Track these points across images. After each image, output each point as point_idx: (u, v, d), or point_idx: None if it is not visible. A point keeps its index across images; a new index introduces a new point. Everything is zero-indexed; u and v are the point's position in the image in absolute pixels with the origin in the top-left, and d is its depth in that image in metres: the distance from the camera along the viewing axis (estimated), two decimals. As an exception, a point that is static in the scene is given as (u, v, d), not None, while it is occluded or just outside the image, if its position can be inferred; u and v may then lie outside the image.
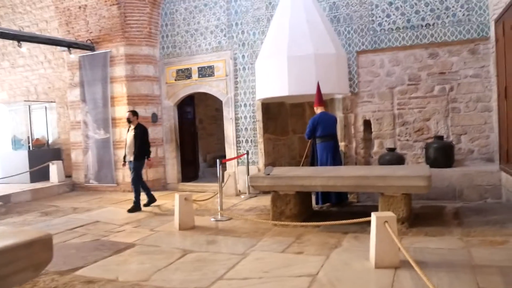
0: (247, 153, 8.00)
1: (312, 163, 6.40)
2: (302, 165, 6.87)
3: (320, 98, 6.33)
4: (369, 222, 3.66)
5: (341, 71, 6.96)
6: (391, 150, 6.83)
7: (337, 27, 7.42)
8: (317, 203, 6.21)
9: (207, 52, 8.57)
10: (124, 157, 7.17)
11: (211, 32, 8.51)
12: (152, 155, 8.96)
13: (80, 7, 8.92)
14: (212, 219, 5.85)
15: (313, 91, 6.35)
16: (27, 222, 6.46)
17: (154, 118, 9.11)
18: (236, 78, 8.26)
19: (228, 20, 8.32)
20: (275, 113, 8.24)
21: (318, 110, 6.34)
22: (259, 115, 8.02)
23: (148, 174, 8.93)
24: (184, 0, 8.78)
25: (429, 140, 6.83)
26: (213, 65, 8.50)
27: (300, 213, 5.35)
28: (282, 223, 5.03)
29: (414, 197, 5.57)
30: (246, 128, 8.23)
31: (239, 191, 7.96)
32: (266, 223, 5.31)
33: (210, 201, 6.68)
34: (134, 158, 6.90)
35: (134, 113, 7.16)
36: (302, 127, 7.21)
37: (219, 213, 5.93)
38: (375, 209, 4.71)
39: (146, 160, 7.07)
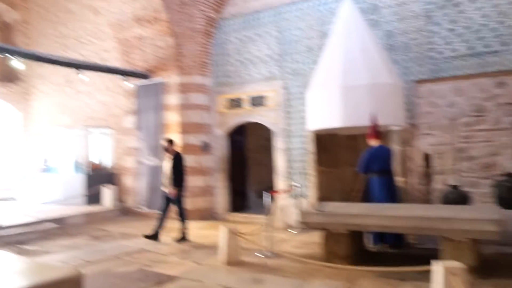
0: (298, 186, 7.69)
1: (365, 198, 5.99)
2: (354, 201, 6.46)
3: (375, 131, 5.97)
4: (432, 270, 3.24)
5: (398, 101, 6.57)
6: (455, 187, 6.26)
7: (393, 55, 7.07)
8: (373, 242, 5.76)
9: (258, 81, 8.50)
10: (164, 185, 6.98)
11: (263, 61, 8.45)
12: (201, 183, 8.96)
13: (138, 38, 9.23)
14: (259, 255, 5.57)
15: (368, 122, 6.01)
16: (77, 245, 6.54)
17: (205, 147, 9.10)
18: (288, 108, 8.08)
19: (280, 49, 8.23)
20: (327, 144, 7.92)
21: (373, 143, 5.97)
22: (311, 147, 7.74)
23: (197, 203, 8.87)
24: (236, 30, 8.84)
25: (499, 178, 6.19)
26: (264, 95, 8.40)
27: (352, 254, 4.97)
28: (334, 265, 4.65)
29: (484, 242, 5.00)
30: (297, 160, 7.97)
31: (289, 225, 7.64)
32: (316, 263, 4.96)
33: (257, 235, 6.40)
34: (173, 189, 6.67)
35: (170, 141, 6.97)
36: (355, 160, 6.84)
37: (266, 249, 5.64)
38: (437, 253, 4.24)
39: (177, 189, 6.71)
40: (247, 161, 9.96)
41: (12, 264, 2.40)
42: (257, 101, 8.51)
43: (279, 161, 8.20)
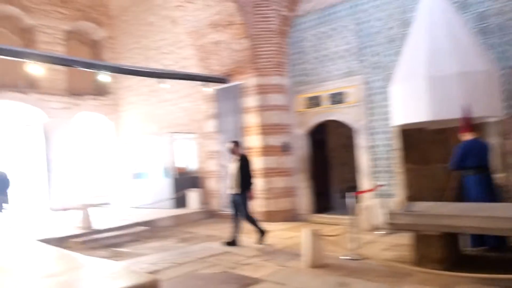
0: (384, 185, 7.43)
1: (459, 198, 5.62)
2: (447, 200, 6.08)
3: (468, 123, 5.58)
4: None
5: (493, 90, 6.06)
6: None
7: (486, 40, 6.53)
8: (472, 245, 5.38)
9: (337, 78, 8.39)
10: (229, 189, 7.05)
11: (341, 57, 8.32)
12: (283, 184, 9.05)
13: (214, 43, 9.58)
14: (344, 257, 5.49)
15: (459, 114, 5.63)
16: (165, 247, 6.99)
17: (285, 147, 9.18)
18: (369, 103, 7.86)
19: (359, 43, 8.03)
20: (414, 140, 7.55)
21: (466, 137, 5.59)
22: (397, 143, 7.43)
23: (279, 204, 8.98)
24: (312, 27, 8.79)
25: None
26: (344, 91, 8.27)
27: (446, 258, 4.70)
28: (426, 270, 4.44)
29: None
30: (381, 157, 7.71)
31: (375, 226, 7.42)
32: (406, 267, 4.77)
33: (342, 236, 6.32)
34: (240, 191, 6.70)
35: (236, 143, 7.02)
36: (446, 156, 6.44)
37: (352, 252, 5.54)
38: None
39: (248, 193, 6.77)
40: (329, 160, 9.86)
41: (89, 269, 2.63)
42: (336, 98, 8.40)
43: (363, 159, 8.00)
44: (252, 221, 6.75)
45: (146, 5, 12.73)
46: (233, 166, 6.86)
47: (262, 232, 6.74)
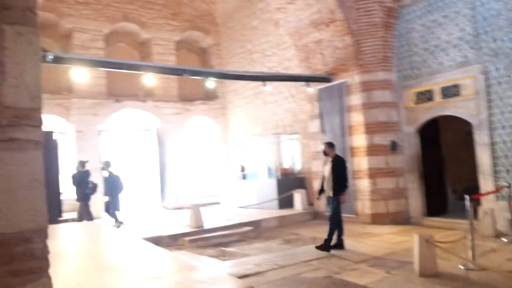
0: (508, 186, 6.65)
1: None
2: None
3: None
4: None
5: None
6: None
7: None
8: None
9: (450, 69, 7.75)
10: (320, 191, 6.95)
11: (454, 46, 7.66)
12: (391, 185, 8.65)
13: (316, 42, 9.51)
14: (461, 267, 5.03)
15: None
16: (270, 248, 7.11)
17: (393, 147, 8.76)
18: (489, 95, 7.11)
19: (475, 29, 7.31)
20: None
21: None
22: (523, 138, 6.62)
23: (388, 206, 8.59)
24: (420, 16, 8.26)
25: None
26: (458, 83, 7.61)
27: None
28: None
29: None
30: (506, 155, 6.91)
31: (500, 232, 6.68)
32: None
33: (458, 243, 5.80)
34: (333, 193, 6.58)
35: (330, 145, 6.88)
36: None
37: (470, 260, 5.06)
38: None
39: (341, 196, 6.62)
40: (443, 159, 9.13)
41: (191, 272, 2.78)
42: (450, 92, 7.76)
43: (483, 157, 7.26)
44: (333, 227, 6.57)
45: (250, 9, 13.16)
46: (326, 168, 6.81)
47: (330, 242, 6.50)
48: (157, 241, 6.68)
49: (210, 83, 8.82)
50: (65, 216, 9.15)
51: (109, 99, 12.67)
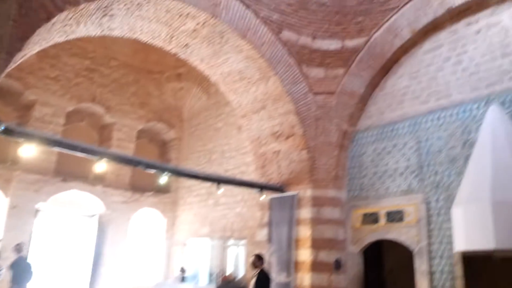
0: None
1: None
2: None
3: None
4: None
5: None
6: None
7: (557, 166, 6.32)
8: None
9: (396, 195, 8.32)
10: None
11: (401, 174, 8.33)
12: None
13: (274, 152, 10.05)
14: None
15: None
16: None
17: (337, 265, 8.87)
18: (430, 224, 7.61)
19: (419, 161, 8.07)
20: (479, 269, 7.03)
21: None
22: (458, 271, 6.96)
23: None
24: (372, 142, 9.04)
25: None
26: (402, 210, 8.12)
27: None
28: None
29: None
30: (443, 285, 7.18)
31: None
32: None
33: None
34: None
35: (259, 257, 7.00)
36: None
37: None
38: None
39: None
40: (385, 282, 9.27)
41: None
42: (394, 217, 8.23)
43: (422, 285, 7.48)
44: None
45: (216, 111, 13.90)
46: (252, 280, 6.84)
47: None
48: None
49: (163, 179, 8.87)
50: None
51: (55, 177, 12.41)
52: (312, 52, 9.19)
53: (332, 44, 9.19)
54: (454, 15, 8.02)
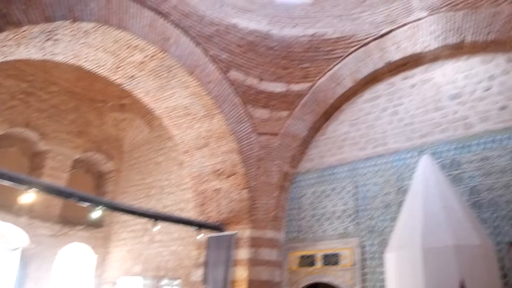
0: None
1: None
2: None
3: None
4: None
5: (490, 266, 6.02)
6: None
7: (480, 214, 6.74)
8: None
9: (332, 238, 8.45)
10: None
11: (338, 217, 8.50)
12: None
13: (214, 191, 9.94)
14: None
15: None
16: None
17: (272, 308, 8.72)
18: (364, 268, 7.74)
19: (356, 205, 8.31)
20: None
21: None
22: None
23: None
24: (312, 185, 9.21)
25: None
26: (338, 253, 8.23)
27: None
28: None
29: None
30: (374, 331, 7.25)
31: None
32: None
33: None
34: None
35: None
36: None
37: None
38: None
39: None
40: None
41: None
42: (330, 260, 8.30)
43: (355, 332, 7.51)
44: None
45: (158, 145, 13.65)
46: None
47: None
48: None
49: (96, 213, 8.44)
50: None
51: (-25, 205, 11.49)
52: (258, 93, 9.38)
53: (277, 87, 9.45)
54: (392, 69, 8.59)
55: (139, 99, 10.09)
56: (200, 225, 9.90)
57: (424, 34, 8.05)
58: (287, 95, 9.44)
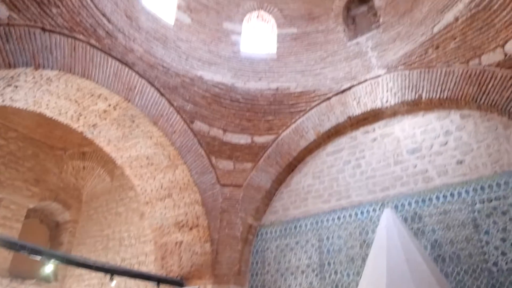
0: None
1: None
2: None
3: None
4: None
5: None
6: None
7: (443, 267, 6.68)
8: None
9: (297, 293, 8.11)
10: None
11: (302, 272, 8.27)
12: None
13: (176, 243, 9.52)
14: None
15: None
16: None
17: None
18: (329, 326, 7.42)
19: (320, 259, 8.11)
20: None
21: None
22: None
23: None
24: (276, 238, 9.01)
25: None
26: (303, 309, 7.88)
27: None
28: None
29: None
30: None
31: None
32: None
33: None
34: None
35: None
36: None
37: None
38: None
39: None
40: None
41: None
42: (295, 317, 7.95)
43: None
44: None
45: (119, 195, 13.12)
46: None
47: None
48: None
49: (49, 268, 7.86)
50: None
51: None
52: (222, 145, 9.27)
53: (242, 139, 9.39)
54: (354, 123, 8.74)
55: (100, 148, 9.75)
56: (160, 280, 9.36)
57: (383, 90, 8.29)
58: (251, 147, 9.38)
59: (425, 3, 8.21)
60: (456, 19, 7.37)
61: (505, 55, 6.81)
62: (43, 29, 6.69)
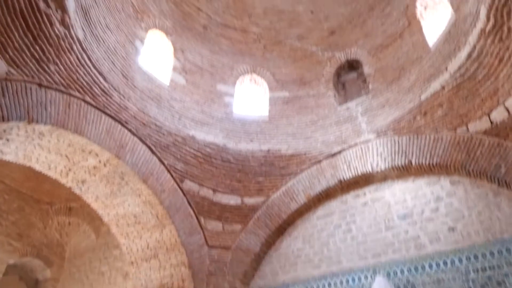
0: None
1: None
2: None
3: None
4: None
5: None
6: None
7: None
8: None
9: None
10: None
11: None
12: None
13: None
14: None
15: None
16: None
17: None
18: None
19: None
20: None
21: None
22: None
23: None
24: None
25: None
26: None
27: None
28: None
29: None
30: None
31: None
32: None
33: None
34: None
35: None
36: None
37: None
38: None
39: None
40: None
41: None
42: None
43: None
44: None
45: (103, 253, 12.57)
46: None
47: None
48: None
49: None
50: None
51: None
52: (211, 205, 9.03)
53: (231, 200, 9.17)
54: (345, 187, 8.61)
55: (88, 204, 9.43)
56: None
57: (373, 155, 8.26)
58: (241, 208, 9.14)
59: (412, 72, 8.41)
60: (443, 88, 7.50)
61: (491, 123, 6.87)
62: (40, 85, 6.65)
